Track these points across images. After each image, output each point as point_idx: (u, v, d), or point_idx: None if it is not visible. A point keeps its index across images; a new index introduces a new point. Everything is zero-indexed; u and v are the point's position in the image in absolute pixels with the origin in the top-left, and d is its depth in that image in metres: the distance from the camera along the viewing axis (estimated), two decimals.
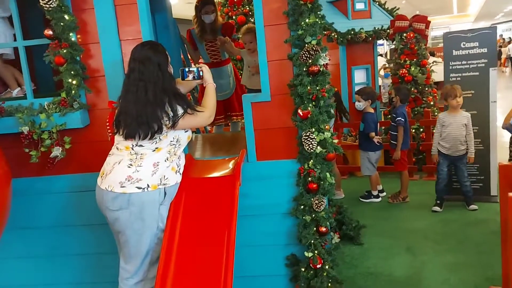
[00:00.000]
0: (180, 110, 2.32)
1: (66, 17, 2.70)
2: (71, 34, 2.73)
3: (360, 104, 4.65)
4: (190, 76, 2.56)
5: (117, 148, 2.38)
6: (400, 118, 4.53)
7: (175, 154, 2.42)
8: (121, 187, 2.28)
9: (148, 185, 2.30)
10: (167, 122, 2.29)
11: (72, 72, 2.75)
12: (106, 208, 2.35)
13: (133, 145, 2.32)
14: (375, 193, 4.80)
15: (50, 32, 2.71)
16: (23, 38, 2.86)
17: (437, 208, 4.30)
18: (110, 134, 2.56)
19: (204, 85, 2.61)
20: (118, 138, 2.37)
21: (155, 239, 2.42)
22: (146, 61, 2.28)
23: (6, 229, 2.62)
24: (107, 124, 2.63)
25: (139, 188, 2.28)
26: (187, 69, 2.57)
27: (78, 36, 2.81)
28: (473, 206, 4.24)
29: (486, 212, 4.16)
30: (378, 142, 4.60)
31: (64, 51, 2.70)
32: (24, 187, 2.90)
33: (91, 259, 3.08)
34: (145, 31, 2.81)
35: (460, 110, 4.19)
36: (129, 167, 2.30)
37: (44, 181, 2.99)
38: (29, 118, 2.79)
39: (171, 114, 2.28)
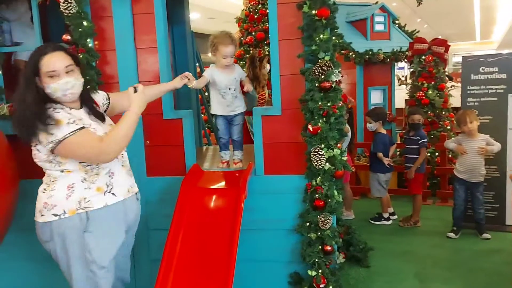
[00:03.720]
0: (58, 132, 1.94)
1: (85, 23, 2.76)
2: (88, 40, 2.78)
3: (371, 126, 4.62)
4: None
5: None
6: (425, 140, 4.50)
7: (97, 174, 2.09)
8: (41, 215, 2.05)
9: (64, 211, 2.02)
10: (47, 144, 1.97)
11: (87, 77, 2.77)
12: (40, 240, 2.13)
13: (45, 169, 2.09)
14: (385, 215, 4.70)
15: (68, 37, 2.77)
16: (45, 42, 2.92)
17: (452, 235, 4.19)
18: None
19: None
20: None
21: (86, 273, 2.10)
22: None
23: (12, 230, 2.65)
24: None
25: (55, 215, 2.02)
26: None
27: (96, 42, 2.86)
28: (485, 235, 4.11)
29: (499, 241, 4.03)
30: (388, 164, 4.54)
31: (81, 56, 2.75)
32: (33, 188, 2.92)
33: None
34: (160, 41, 2.85)
35: (477, 135, 4.09)
36: (43, 192, 2.08)
37: None
38: None
39: (48, 131, 1.94)
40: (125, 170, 2.25)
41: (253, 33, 5.83)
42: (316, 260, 2.75)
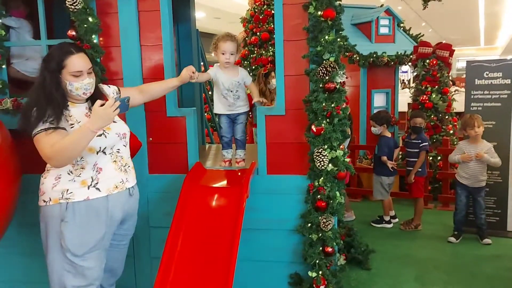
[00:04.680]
0: (36, 127, 2.06)
1: (90, 19, 2.75)
2: (93, 36, 2.78)
3: (376, 129, 4.62)
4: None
5: None
6: (426, 143, 4.49)
7: (82, 168, 2.16)
8: (40, 200, 2.22)
9: (50, 199, 2.15)
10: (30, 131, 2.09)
11: None
12: None
13: None
14: (387, 218, 4.69)
15: (73, 33, 2.77)
16: (48, 38, 2.93)
17: (453, 239, 4.18)
18: None
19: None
20: None
21: (62, 261, 2.17)
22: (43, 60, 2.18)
23: (14, 225, 2.65)
24: None
25: (44, 201, 2.18)
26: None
27: (101, 38, 2.86)
28: (486, 240, 4.10)
29: (500, 247, 4.01)
30: (392, 168, 4.53)
31: None
32: (34, 183, 2.92)
33: None
34: (165, 38, 2.85)
35: (481, 140, 4.08)
36: (40, 179, 2.25)
37: None
38: None
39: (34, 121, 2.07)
40: (117, 165, 2.26)
41: (258, 33, 5.84)
42: (317, 261, 2.74)
